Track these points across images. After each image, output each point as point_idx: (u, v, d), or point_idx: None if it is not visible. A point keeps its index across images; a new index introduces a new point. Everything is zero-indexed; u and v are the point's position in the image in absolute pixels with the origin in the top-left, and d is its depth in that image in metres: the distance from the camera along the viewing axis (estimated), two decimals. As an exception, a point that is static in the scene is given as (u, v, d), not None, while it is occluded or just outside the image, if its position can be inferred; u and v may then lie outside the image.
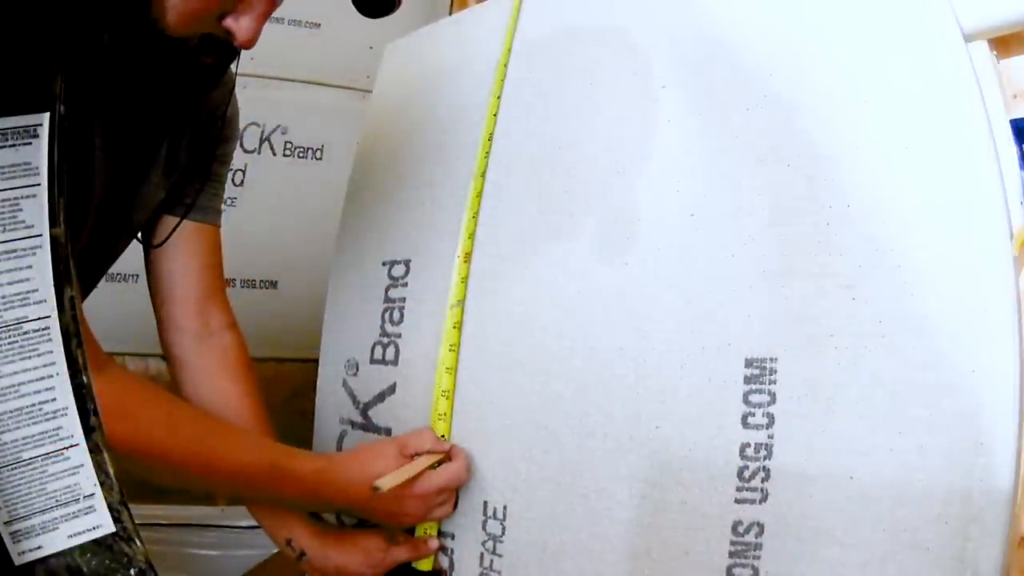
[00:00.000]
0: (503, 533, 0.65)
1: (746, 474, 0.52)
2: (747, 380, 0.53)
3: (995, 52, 0.51)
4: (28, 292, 0.32)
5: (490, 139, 0.74)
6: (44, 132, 0.32)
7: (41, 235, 0.32)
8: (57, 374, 0.33)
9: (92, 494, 0.34)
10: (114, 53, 0.55)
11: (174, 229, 0.72)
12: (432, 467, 0.67)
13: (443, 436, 0.70)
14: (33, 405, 0.33)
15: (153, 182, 0.69)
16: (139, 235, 0.73)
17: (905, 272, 0.48)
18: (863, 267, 0.50)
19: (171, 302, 0.74)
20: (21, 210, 0.32)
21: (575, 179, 0.66)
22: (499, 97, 0.74)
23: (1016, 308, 0.45)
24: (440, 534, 0.70)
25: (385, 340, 0.78)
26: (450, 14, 1.37)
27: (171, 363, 0.76)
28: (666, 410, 0.57)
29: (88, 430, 0.34)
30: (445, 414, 0.70)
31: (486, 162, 0.73)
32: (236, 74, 0.72)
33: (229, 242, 0.79)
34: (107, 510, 0.34)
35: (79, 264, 0.63)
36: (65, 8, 0.31)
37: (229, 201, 1.47)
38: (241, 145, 1.47)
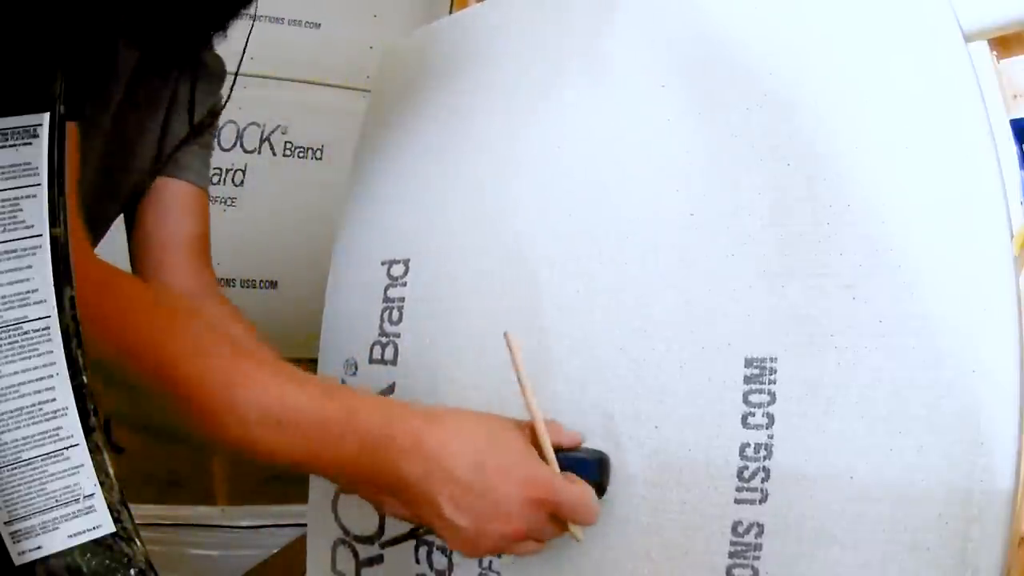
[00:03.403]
0: (503, 533, 0.65)
1: (746, 474, 0.52)
2: (747, 380, 0.53)
3: (995, 52, 0.51)
4: (28, 292, 0.32)
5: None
6: (44, 132, 0.32)
7: (41, 235, 0.32)
8: (57, 374, 0.33)
9: (92, 494, 0.34)
10: None
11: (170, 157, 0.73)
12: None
13: None
14: (33, 405, 0.33)
15: (155, 135, 0.72)
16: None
17: (905, 272, 0.48)
18: (863, 267, 0.50)
19: (163, 264, 0.73)
20: (21, 210, 0.32)
21: (573, 179, 0.66)
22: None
23: (1016, 308, 0.45)
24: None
25: (384, 340, 0.78)
26: (450, 14, 1.37)
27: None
28: (666, 410, 0.56)
29: (88, 430, 0.34)
30: None
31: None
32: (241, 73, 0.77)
33: (229, 242, 0.79)
34: (107, 510, 0.34)
35: (87, 202, 0.57)
36: (66, 9, 0.31)
37: (229, 201, 1.47)
38: (241, 145, 1.47)
